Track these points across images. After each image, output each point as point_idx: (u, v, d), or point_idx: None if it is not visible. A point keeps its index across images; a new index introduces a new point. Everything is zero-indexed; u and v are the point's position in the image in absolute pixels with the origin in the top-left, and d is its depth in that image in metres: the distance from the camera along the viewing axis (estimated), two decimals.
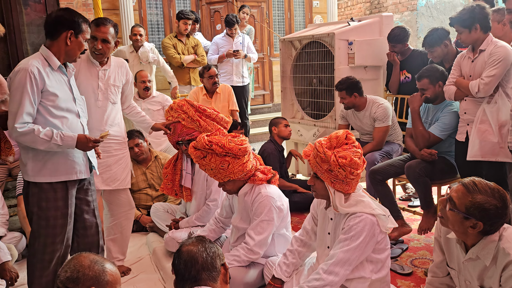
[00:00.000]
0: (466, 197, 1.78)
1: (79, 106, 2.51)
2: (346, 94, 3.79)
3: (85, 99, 2.81)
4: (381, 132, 3.83)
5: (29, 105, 2.21)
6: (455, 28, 3.05)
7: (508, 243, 1.77)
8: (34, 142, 2.24)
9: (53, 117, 2.33)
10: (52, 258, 2.46)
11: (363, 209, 2.18)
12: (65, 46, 2.36)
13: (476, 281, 1.90)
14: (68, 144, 2.29)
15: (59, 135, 2.25)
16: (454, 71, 3.14)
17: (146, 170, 4.06)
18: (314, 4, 8.42)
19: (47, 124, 2.29)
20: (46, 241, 2.43)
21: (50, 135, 2.23)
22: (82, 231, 2.65)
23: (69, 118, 2.41)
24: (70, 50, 2.39)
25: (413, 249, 3.37)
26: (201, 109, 3.14)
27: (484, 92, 2.84)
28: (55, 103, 2.33)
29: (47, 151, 2.31)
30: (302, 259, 2.54)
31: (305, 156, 2.35)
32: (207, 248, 1.62)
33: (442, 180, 3.44)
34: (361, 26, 4.58)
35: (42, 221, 2.42)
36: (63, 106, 2.38)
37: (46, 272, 2.46)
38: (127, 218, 3.17)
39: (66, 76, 2.45)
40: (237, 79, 5.69)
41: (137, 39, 5.28)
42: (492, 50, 2.87)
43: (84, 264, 1.64)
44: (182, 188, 3.33)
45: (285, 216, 2.74)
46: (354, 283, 2.22)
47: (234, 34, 5.73)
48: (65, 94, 2.41)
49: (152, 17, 7.12)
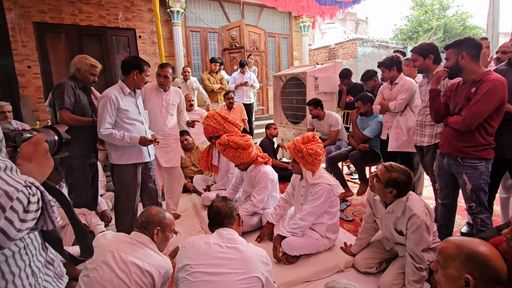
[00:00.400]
0: (386, 174, 1.78)
1: (143, 117, 2.51)
2: (314, 108, 3.78)
3: (153, 112, 2.84)
4: (334, 133, 3.82)
5: (109, 118, 2.27)
6: (381, 69, 3.06)
7: (411, 203, 1.78)
8: (113, 140, 2.29)
9: (126, 124, 2.36)
10: (129, 209, 2.48)
11: (323, 181, 2.18)
12: (133, 80, 2.39)
13: (392, 226, 1.91)
14: (134, 142, 2.33)
15: (128, 136, 2.31)
16: (379, 96, 3.13)
17: (191, 155, 4.07)
18: (294, 53, 8.37)
19: (122, 129, 2.34)
20: (125, 199, 2.47)
21: (123, 136, 2.29)
22: (147, 193, 2.66)
23: (136, 125, 2.42)
24: (136, 82, 2.41)
25: (354, 205, 3.36)
26: (225, 118, 3.13)
27: (398, 109, 2.84)
28: (126, 115, 2.36)
29: (122, 145, 2.34)
30: (285, 211, 2.55)
31: (288, 148, 2.35)
32: (228, 204, 1.63)
33: (371, 163, 3.42)
34: (323, 68, 4.55)
35: (122, 187, 2.46)
36: (132, 117, 2.40)
37: (126, 218, 2.48)
38: (178, 184, 3.17)
39: (134, 98, 2.45)
40: (246, 99, 5.67)
41: (186, 75, 5.26)
42: (402, 83, 2.87)
43: (153, 212, 1.65)
44: (212, 165, 3.33)
45: (275, 184, 2.74)
46: (318, 226, 2.23)
47: (244, 71, 5.69)
48: (133, 110, 2.42)
49: (195, 61, 7.07)
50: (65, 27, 5.39)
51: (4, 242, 0.55)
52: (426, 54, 2.39)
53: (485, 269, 0.98)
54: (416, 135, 2.56)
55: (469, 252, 1.02)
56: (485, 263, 0.99)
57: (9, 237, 0.56)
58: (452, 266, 1.04)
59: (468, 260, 1.01)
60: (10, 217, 0.55)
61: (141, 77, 2.40)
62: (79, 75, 2.42)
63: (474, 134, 1.88)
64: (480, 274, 0.98)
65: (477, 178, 1.90)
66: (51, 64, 5.40)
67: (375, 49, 9.79)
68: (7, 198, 0.55)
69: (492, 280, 0.98)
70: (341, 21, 16.31)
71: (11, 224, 0.55)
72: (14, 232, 0.56)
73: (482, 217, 1.96)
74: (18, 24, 4.98)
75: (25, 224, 0.59)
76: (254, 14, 7.65)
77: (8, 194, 0.55)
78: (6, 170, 0.58)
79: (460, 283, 1.01)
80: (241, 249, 1.44)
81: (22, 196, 0.58)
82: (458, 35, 15.12)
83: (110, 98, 2.26)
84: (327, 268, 2.09)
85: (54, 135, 0.88)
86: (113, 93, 2.29)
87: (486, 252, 1.00)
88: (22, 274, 0.70)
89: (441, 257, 1.09)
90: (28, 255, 0.73)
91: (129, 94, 2.39)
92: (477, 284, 0.99)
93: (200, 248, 1.44)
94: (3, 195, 0.55)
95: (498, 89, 1.77)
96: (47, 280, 0.78)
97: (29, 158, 0.72)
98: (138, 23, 5.95)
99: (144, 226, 1.60)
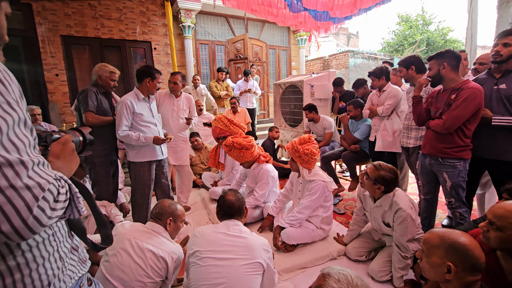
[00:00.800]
0: (375, 172, 1.78)
1: (156, 120, 2.51)
2: (309, 112, 3.78)
3: (165, 116, 2.85)
4: (328, 135, 3.81)
5: (125, 121, 2.30)
6: (371, 78, 3.04)
7: (397, 198, 1.77)
8: (130, 140, 2.31)
9: (141, 126, 2.38)
10: (144, 202, 2.49)
11: (318, 178, 2.18)
12: (146, 87, 2.40)
13: (380, 218, 1.90)
14: (148, 141, 2.35)
15: (143, 137, 2.32)
16: (368, 101, 3.12)
17: (200, 154, 4.07)
18: (292, 64, 8.35)
19: (138, 130, 2.36)
20: (140, 193, 2.48)
21: (138, 137, 2.31)
22: (160, 187, 2.67)
23: (151, 127, 2.43)
24: (149, 88, 2.42)
25: (345, 200, 3.35)
26: (230, 120, 3.13)
27: (385, 113, 2.83)
28: (141, 118, 2.37)
29: (138, 145, 2.36)
30: (284, 205, 2.54)
31: (287, 148, 2.35)
32: (240, 198, 1.59)
33: (361, 162, 3.41)
34: (318, 77, 4.54)
35: (138, 183, 2.47)
36: (146, 120, 2.41)
37: (141, 209, 2.49)
38: (188, 180, 3.17)
39: (148, 103, 2.46)
40: (250, 104, 5.65)
41: (195, 82, 5.26)
42: (389, 90, 2.87)
43: (165, 205, 1.65)
44: (219, 163, 3.32)
45: (275, 181, 2.74)
46: (313, 218, 2.22)
47: (248, 80, 5.68)
48: (147, 114, 2.43)
49: (203, 70, 7.07)
50: (89, 40, 5.43)
51: (36, 228, 0.56)
52: (408, 65, 2.40)
53: (465, 258, 0.99)
54: (402, 137, 2.55)
55: (451, 242, 1.02)
56: (465, 252, 0.99)
57: (41, 224, 0.57)
58: (435, 254, 1.05)
59: (450, 249, 1.02)
60: (42, 205, 0.56)
61: (153, 84, 2.40)
62: (101, 81, 2.43)
63: (453, 136, 1.87)
64: (461, 262, 0.99)
65: (456, 176, 1.90)
66: (76, 73, 5.43)
67: (365, 60, 9.75)
68: (40, 189, 0.56)
69: (471, 267, 0.98)
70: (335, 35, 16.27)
71: (43, 212, 0.56)
72: (45, 219, 0.57)
73: (461, 211, 1.95)
74: (48, 37, 5.02)
75: (55, 213, 0.60)
76: (257, 29, 7.65)
77: (40, 185, 0.56)
78: (39, 165, 0.59)
79: (443, 270, 1.02)
80: (246, 237, 1.44)
81: (52, 187, 0.59)
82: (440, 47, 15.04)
83: (126, 103, 2.29)
84: (322, 256, 2.09)
85: (79, 136, 0.89)
86: (129, 99, 2.31)
87: (466, 242, 1.01)
88: (51, 258, 0.71)
89: (425, 246, 1.10)
90: (56, 241, 0.74)
91: (143, 99, 2.40)
92: (458, 271, 0.99)
93: (209, 236, 1.44)
94: (36, 186, 0.56)
95: (476, 96, 1.76)
96: (72, 264, 0.79)
97: (58, 155, 0.73)
98: (153, 36, 5.98)
99: (158, 217, 1.60)
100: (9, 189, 0.53)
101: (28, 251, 0.66)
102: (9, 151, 0.54)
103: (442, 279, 1.03)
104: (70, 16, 5.16)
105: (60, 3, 5.04)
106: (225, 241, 1.42)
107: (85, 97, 2.31)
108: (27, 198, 0.54)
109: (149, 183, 2.48)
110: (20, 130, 0.58)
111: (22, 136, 0.58)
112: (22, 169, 0.55)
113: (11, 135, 0.56)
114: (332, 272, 0.82)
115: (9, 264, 0.63)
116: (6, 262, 0.63)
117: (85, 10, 5.27)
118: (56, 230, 0.75)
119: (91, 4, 5.29)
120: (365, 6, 4.29)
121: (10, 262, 0.64)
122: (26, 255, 0.66)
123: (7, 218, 0.53)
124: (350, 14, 4.58)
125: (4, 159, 0.53)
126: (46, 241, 0.71)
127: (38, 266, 0.68)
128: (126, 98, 2.32)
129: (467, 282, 0.99)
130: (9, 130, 0.55)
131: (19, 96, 0.60)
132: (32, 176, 0.56)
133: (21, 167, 0.55)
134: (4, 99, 0.56)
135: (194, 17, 6.26)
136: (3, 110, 0.55)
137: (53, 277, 0.71)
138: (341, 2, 4.33)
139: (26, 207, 0.54)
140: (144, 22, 5.84)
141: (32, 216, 0.55)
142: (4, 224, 0.53)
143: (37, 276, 0.67)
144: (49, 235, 0.72)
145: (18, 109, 0.58)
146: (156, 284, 1.43)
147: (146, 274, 1.39)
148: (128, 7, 5.65)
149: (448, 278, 1.01)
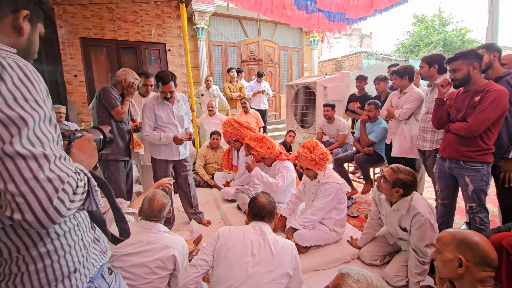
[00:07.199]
0: (393, 175, 1.74)
1: (178, 121, 2.53)
2: (331, 109, 3.73)
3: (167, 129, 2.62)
4: (342, 137, 3.76)
5: (148, 122, 2.41)
6: (393, 77, 2.86)
7: (415, 202, 1.73)
8: (153, 140, 2.42)
9: (163, 127, 2.47)
10: None
11: (332, 180, 2.16)
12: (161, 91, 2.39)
13: (396, 223, 1.86)
14: (169, 140, 2.44)
15: (164, 136, 2.41)
16: (387, 102, 3.02)
17: (215, 153, 4.08)
18: (304, 65, 8.30)
19: (160, 131, 2.45)
20: None
21: (159, 137, 2.40)
22: (183, 179, 2.69)
23: (171, 128, 2.49)
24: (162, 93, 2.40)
25: (358, 203, 3.29)
26: (240, 123, 3.14)
27: (402, 117, 2.74)
28: (161, 120, 2.45)
29: (160, 144, 2.45)
30: (296, 206, 2.53)
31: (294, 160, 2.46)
32: (272, 202, 1.54)
33: (375, 165, 3.33)
34: (331, 78, 4.50)
35: (156, 179, 2.58)
36: (167, 121, 2.47)
37: None
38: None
39: (169, 105, 2.47)
40: (262, 106, 5.65)
41: (208, 83, 5.30)
42: (411, 93, 2.75)
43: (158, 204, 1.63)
44: (232, 165, 3.34)
45: (293, 180, 2.71)
46: (327, 220, 2.20)
47: (260, 81, 5.70)
48: (167, 115, 2.46)
49: (216, 71, 7.12)
50: (106, 42, 5.57)
51: (56, 218, 0.59)
52: (432, 63, 2.32)
53: (475, 252, 1.02)
54: (418, 139, 2.49)
55: (462, 238, 1.07)
56: (476, 246, 1.03)
57: (61, 214, 0.59)
58: (447, 250, 1.09)
59: (461, 243, 1.06)
60: (62, 197, 0.59)
61: None
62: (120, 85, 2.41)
63: (476, 140, 1.81)
64: (472, 256, 1.03)
65: (479, 180, 1.83)
66: (94, 73, 5.59)
67: (379, 61, 9.58)
68: (60, 181, 0.59)
69: (482, 262, 1.01)
70: (347, 36, 16.08)
71: (63, 203, 0.59)
72: (64, 210, 0.60)
73: (481, 216, 1.89)
74: (67, 39, 5.19)
75: (74, 204, 0.63)
76: (269, 30, 7.65)
77: (60, 178, 0.60)
78: (60, 159, 0.62)
79: (455, 264, 1.05)
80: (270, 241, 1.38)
81: (71, 180, 0.62)
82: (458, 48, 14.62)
83: (147, 106, 2.42)
84: (335, 259, 2.06)
85: (100, 134, 0.93)
86: (150, 101, 2.43)
87: (476, 238, 1.05)
88: (76, 247, 0.77)
89: (438, 244, 1.14)
90: (80, 231, 0.80)
91: (162, 102, 2.44)
92: (469, 265, 1.03)
93: (235, 236, 1.40)
94: (56, 179, 0.59)
95: (503, 98, 1.70)
96: (94, 253, 0.85)
97: (83, 150, 0.79)
98: (168, 38, 6.08)
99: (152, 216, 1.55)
100: (32, 180, 0.56)
101: (56, 239, 0.72)
102: (34, 145, 0.58)
103: (455, 275, 1.05)
104: (89, 18, 5.31)
105: (80, 6, 5.20)
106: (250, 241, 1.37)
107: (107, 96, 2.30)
108: (48, 190, 0.57)
109: (165, 176, 2.54)
110: (45, 126, 0.62)
111: (47, 132, 0.62)
112: (45, 162, 0.59)
113: (37, 130, 0.60)
114: (351, 272, 0.81)
115: (40, 251, 0.69)
116: (38, 248, 0.69)
117: (103, 13, 5.41)
118: (80, 221, 0.81)
119: (108, 7, 5.43)
120: (381, 7, 4.20)
121: (41, 249, 0.69)
122: (55, 243, 0.72)
123: (30, 207, 0.56)
124: (365, 15, 4.50)
125: (29, 152, 0.57)
126: (71, 230, 0.76)
127: (65, 253, 0.74)
128: (148, 101, 2.45)
129: (479, 278, 1.01)
130: (35, 126, 0.59)
131: (45, 95, 0.64)
132: (53, 169, 0.59)
133: (44, 160, 0.59)
134: (32, 97, 0.60)
135: (207, 19, 6.33)
136: (31, 107, 0.59)
137: (78, 263, 0.77)
138: (356, 3, 4.26)
139: (47, 198, 0.57)
140: (159, 24, 5.95)
141: (52, 207, 0.58)
142: (27, 213, 0.56)
143: (65, 262, 0.73)
144: (74, 225, 0.78)
145: (44, 107, 0.62)
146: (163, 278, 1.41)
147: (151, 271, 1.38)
148: (144, 10, 5.76)
149: (460, 272, 1.03)
